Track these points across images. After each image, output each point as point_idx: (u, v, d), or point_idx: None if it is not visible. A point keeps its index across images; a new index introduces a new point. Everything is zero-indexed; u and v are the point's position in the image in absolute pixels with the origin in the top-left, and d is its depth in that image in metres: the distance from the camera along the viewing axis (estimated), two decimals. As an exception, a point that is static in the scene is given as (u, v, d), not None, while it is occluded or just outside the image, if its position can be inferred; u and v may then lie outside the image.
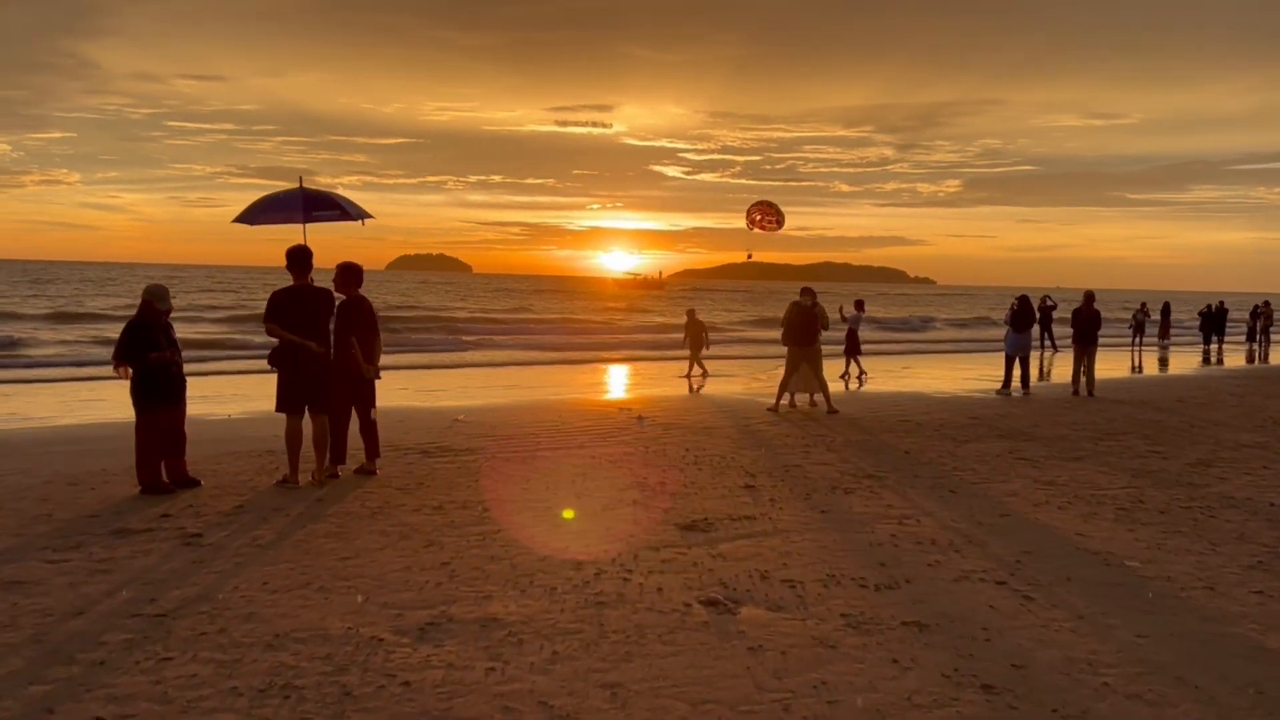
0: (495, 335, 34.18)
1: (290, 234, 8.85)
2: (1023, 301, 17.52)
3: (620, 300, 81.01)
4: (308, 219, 8.70)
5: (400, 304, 58.00)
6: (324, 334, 8.09)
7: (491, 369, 23.22)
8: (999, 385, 17.42)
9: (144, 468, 7.75)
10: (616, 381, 20.86)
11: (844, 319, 19.39)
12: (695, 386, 18.20)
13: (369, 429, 8.66)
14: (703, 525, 6.93)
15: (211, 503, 7.43)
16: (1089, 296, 17.40)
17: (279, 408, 8.06)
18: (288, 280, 8.05)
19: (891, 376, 21.29)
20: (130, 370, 7.75)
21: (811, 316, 13.71)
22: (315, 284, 8.28)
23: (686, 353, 20.51)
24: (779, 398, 13.90)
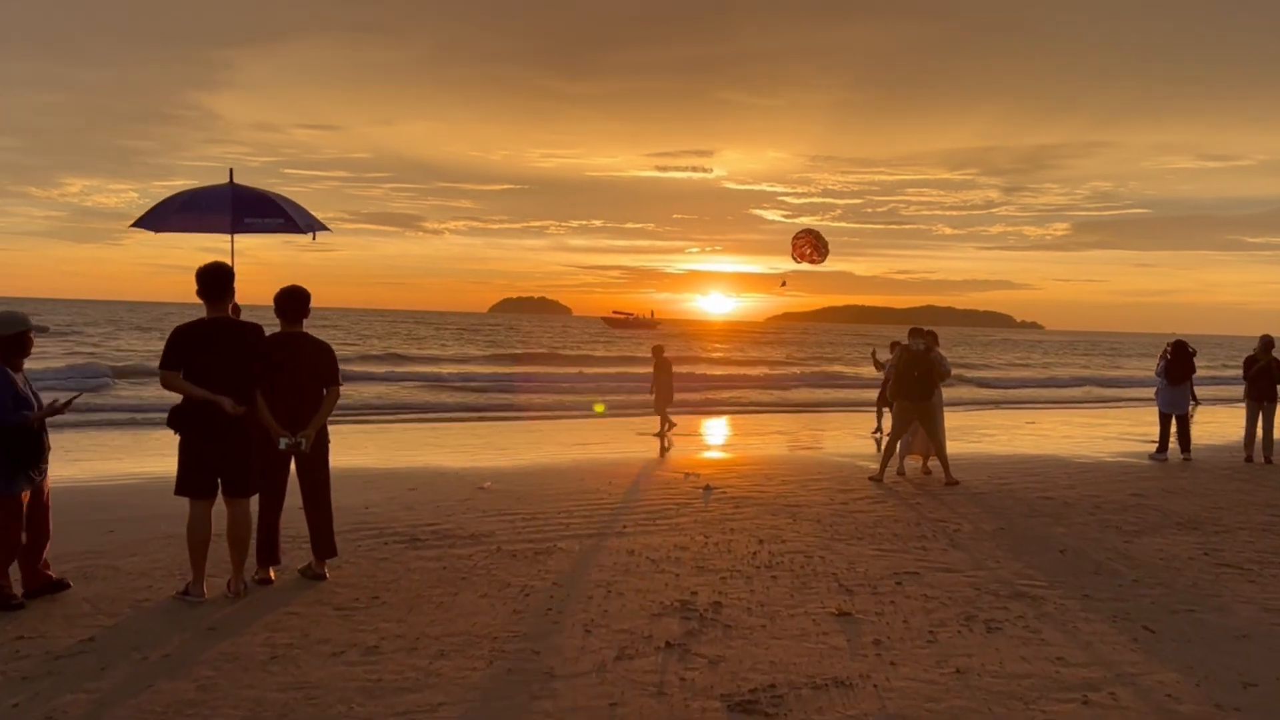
0: (574, 381, 31.88)
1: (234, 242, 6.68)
2: (1177, 348, 14.40)
3: (713, 343, 78.44)
4: (237, 227, 6.46)
5: (493, 351, 56.87)
6: (246, 386, 5.82)
7: (560, 420, 20.93)
8: (1153, 449, 14.37)
9: (-11, 572, 5.55)
10: (693, 436, 18.28)
11: (878, 365, 16.45)
12: (667, 445, 15.01)
13: (318, 517, 6.34)
14: (767, 702, 4.36)
15: (55, 630, 5.16)
16: (1267, 343, 14.22)
17: (180, 489, 5.79)
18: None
19: (1015, 434, 18.26)
20: None
21: (928, 364, 11.00)
22: (239, 316, 6.06)
23: (654, 404, 16.45)
24: (884, 464, 11.20)
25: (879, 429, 16.31)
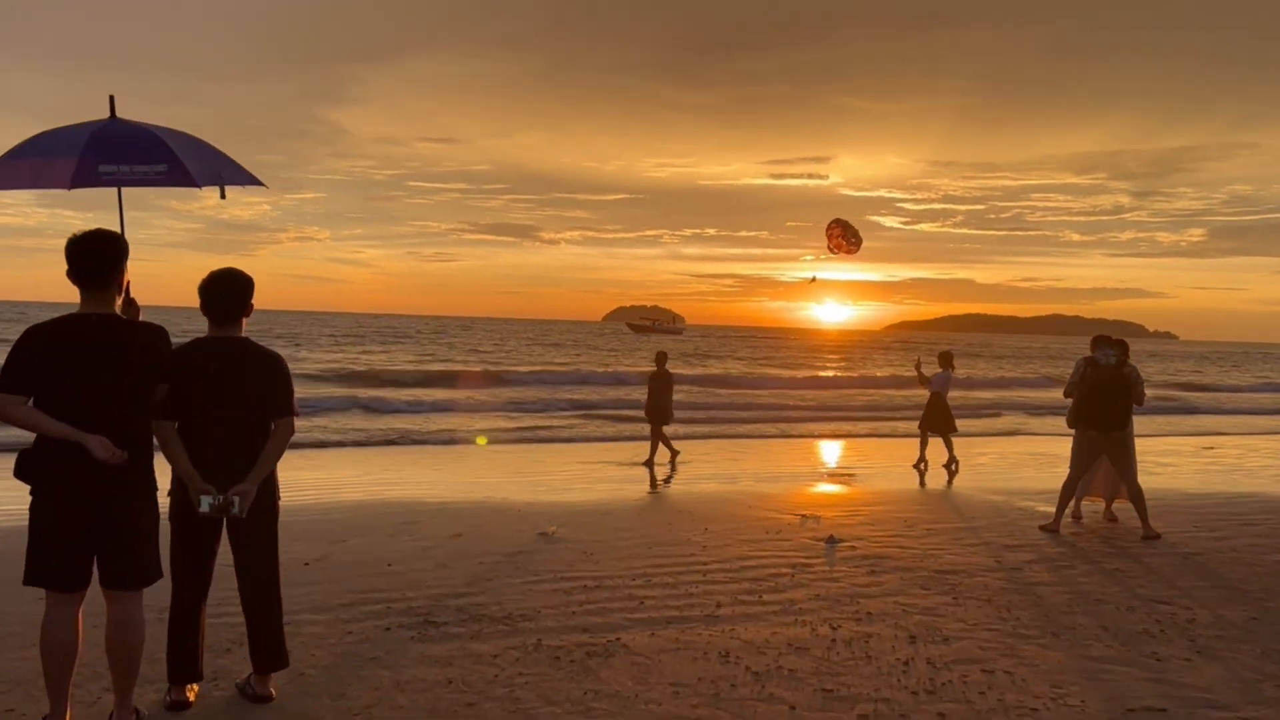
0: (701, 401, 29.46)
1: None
2: None
3: (818, 352, 75.30)
4: (84, 179, 4.40)
5: (596, 366, 55.33)
6: (137, 419, 3.84)
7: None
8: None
9: None
10: (815, 465, 15.94)
11: (923, 381, 13.67)
12: (659, 477, 12.54)
13: (260, 613, 4.31)
14: None
15: None
16: None
17: (30, 576, 3.83)
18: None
19: (1196, 464, 15.34)
20: None
21: (1123, 382, 8.47)
22: (138, 315, 4.12)
23: (649, 421, 14.04)
24: (1060, 510, 8.70)
25: (922, 459, 13.50)
